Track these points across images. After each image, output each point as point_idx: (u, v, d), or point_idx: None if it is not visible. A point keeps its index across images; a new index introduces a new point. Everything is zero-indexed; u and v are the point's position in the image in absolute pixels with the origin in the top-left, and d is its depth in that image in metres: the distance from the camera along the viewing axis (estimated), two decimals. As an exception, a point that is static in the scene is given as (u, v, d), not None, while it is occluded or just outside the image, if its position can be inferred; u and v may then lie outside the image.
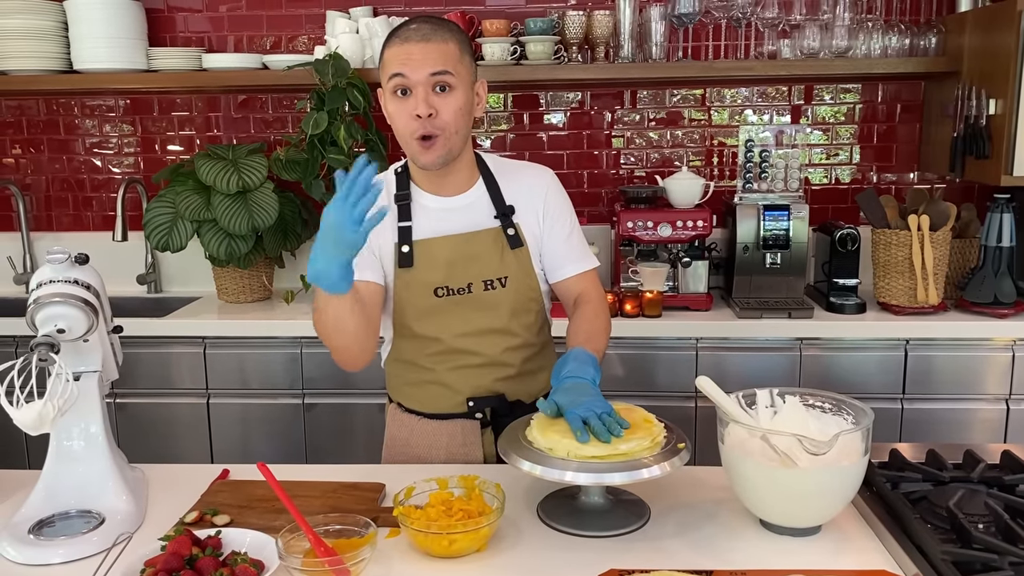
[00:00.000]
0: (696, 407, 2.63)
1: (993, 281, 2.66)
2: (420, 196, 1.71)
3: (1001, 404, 2.62)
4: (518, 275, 1.70)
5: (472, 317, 1.68)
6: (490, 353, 1.70)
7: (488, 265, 1.68)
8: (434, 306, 1.67)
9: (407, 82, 1.57)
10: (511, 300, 1.70)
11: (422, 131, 1.57)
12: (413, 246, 1.67)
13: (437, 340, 1.69)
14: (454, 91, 1.59)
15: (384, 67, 1.61)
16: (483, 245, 1.68)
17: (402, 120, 1.59)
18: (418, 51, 1.56)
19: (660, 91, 3.12)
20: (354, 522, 1.30)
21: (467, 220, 1.69)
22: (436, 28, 1.59)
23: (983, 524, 1.29)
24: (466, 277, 1.67)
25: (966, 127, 2.68)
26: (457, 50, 1.59)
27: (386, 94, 1.62)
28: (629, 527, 1.40)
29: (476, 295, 1.68)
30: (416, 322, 1.69)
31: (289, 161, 2.84)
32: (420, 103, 1.56)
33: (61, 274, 1.43)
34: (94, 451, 1.48)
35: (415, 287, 1.67)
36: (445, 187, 1.70)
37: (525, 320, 1.73)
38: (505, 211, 1.71)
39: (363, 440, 2.74)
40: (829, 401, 1.46)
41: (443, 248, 1.67)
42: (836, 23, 2.79)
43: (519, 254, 1.70)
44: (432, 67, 1.56)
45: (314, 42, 3.08)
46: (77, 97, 3.23)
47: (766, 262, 2.77)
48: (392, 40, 1.60)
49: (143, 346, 2.71)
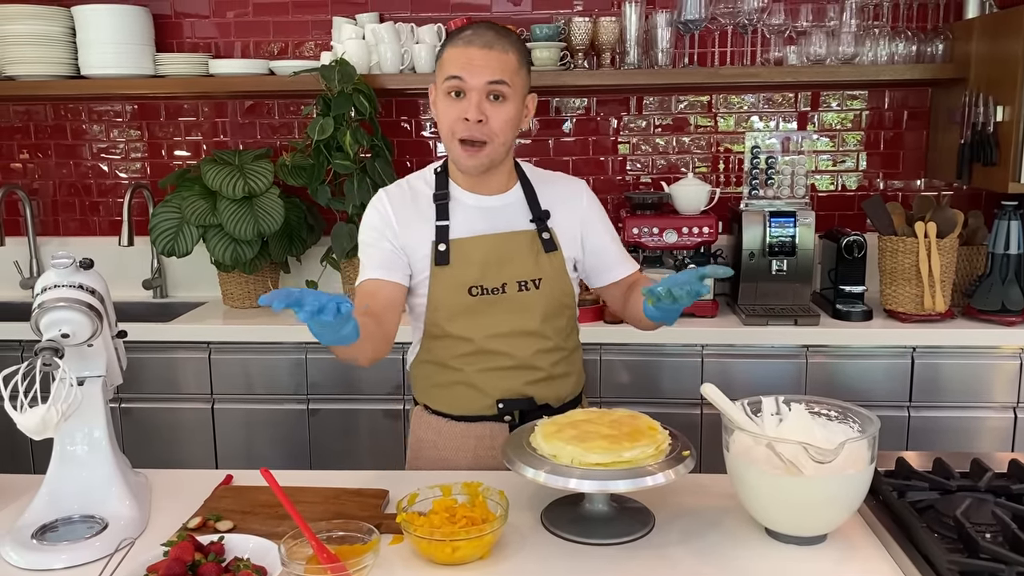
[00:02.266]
0: (702, 414, 2.62)
1: (1001, 289, 2.64)
2: (459, 193, 1.73)
3: (1009, 412, 2.60)
4: (552, 278, 1.72)
5: (505, 318, 1.69)
6: (521, 355, 1.70)
7: (523, 266, 1.70)
8: (468, 305, 1.68)
9: (463, 85, 1.59)
10: (544, 303, 1.71)
11: (468, 134, 1.60)
12: (450, 245, 1.68)
13: (469, 340, 1.69)
14: (507, 102, 1.61)
15: (442, 66, 1.63)
16: (518, 246, 1.70)
17: (450, 120, 1.62)
18: (479, 57, 1.59)
19: (666, 97, 3.12)
20: (357, 528, 1.30)
21: (503, 220, 1.72)
22: (499, 37, 1.62)
23: (990, 533, 1.28)
24: (501, 277, 1.68)
25: (973, 134, 2.67)
26: (516, 62, 1.63)
27: (438, 92, 1.65)
28: (633, 535, 1.39)
29: (510, 295, 1.69)
30: (449, 321, 1.69)
31: (295, 166, 2.84)
32: (472, 108, 1.59)
33: (66, 279, 1.43)
34: (97, 456, 1.48)
35: (450, 285, 1.68)
36: (484, 187, 1.73)
37: (556, 324, 1.74)
38: (540, 215, 1.73)
39: (367, 446, 2.74)
40: (835, 409, 1.45)
41: (479, 247, 1.68)
42: (843, 30, 2.79)
43: (553, 258, 1.72)
44: (490, 75, 1.58)
45: (320, 48, 3.10)
46: (84, 102, 3.24)
47: (772, 269, 2.77)
48: (454, 41, 1.62)
49: (148, 351, 2.72)
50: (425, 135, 3.19)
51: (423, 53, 2.85)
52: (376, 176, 2.74)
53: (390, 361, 2.69)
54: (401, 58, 2.88)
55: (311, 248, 3.10)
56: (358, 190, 2.71)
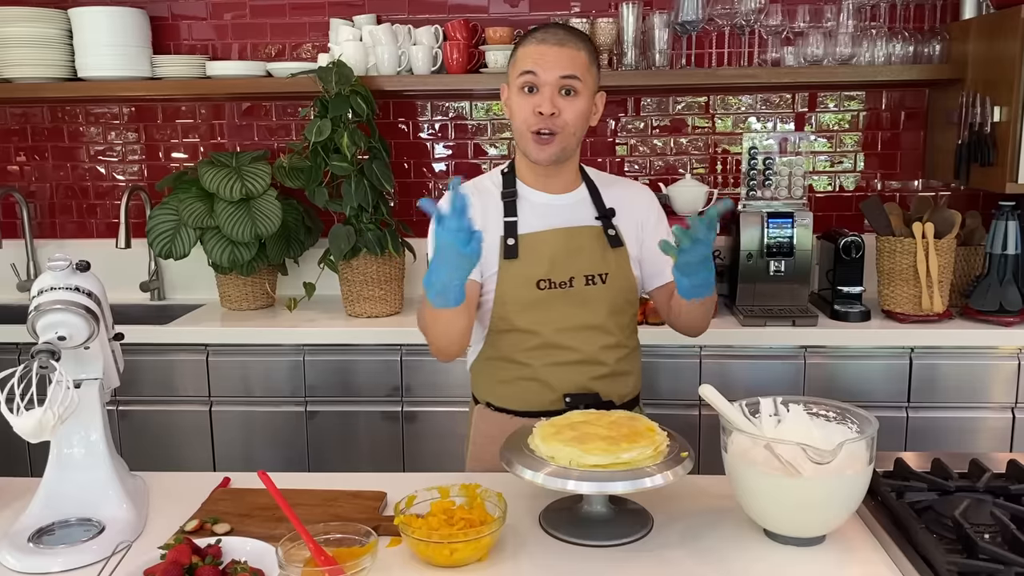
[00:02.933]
0: (700, 415, 2.61)
1: (998, 289, 2.64)
2: (526, 192, 1.77)
3: (1007, 412, 2.60)
4: (618, 273, 1.75)
5: (571, 312, 1.72)
6: (586, 350, 1.72)
7: (590, 260, 1.73)
8: (536, 299, 1.71)
9: (537, 80, 1.66)
10: (610, 297, 1.74)
11: (540, 126, 1.66)
12: (518, 239, 1.72)
13: (536, 334, 1.72)
14: (578, 96, 1.67)
15: (515, 64, 1.70)
16: (585, 240, 1.74)
17: (524, 114, 1.68)
18: (552, 53, 1.65)
19: (664, 98, 3.12)
20: (355, 531, 1.30)
21: (571, 216, 1.76)
22: (571, 35, 1.69)
23: (989, 534, 1.28)
24: (568, 271, 1.72)
25: (971, 134, 2.67)
26: (587, 59, 1.69)
27: (512, 89, 1.71)
28: (632, 537, 1.39)
29: (577, 289, 1.72)
30: (517, 315, 1.72)
31: (292, 168, 2.84)
32: (545, 101, 1.64)
33: (62, 281, 1.43)
34: (94, 459, 1.47)
35: (519, 279, 1.71)
36: (551, 186, 1.77)
37: (620, 320, 1.77)
38: (606, 213, 1.77)
39: (366, 448, 2.74)
40: (833, 410, 1.45)
41: (547, 241, 1.72)
42: (840, 30, 2.79)
43: (619, 253, 1.76)
44: (563, 70, 1.65)
45: (318, 50, 3.09)
46: (81, 105, 3.24)
47: (770, 270, 2.77)
48: (528, 40, 1.70)
49: (146, 353, 2.71)
50: (423, 136, 3.19)
51: (420, 55, 2.85)
52: (373, 178, 2.73)
53: (388, 363, 2.69)
54: (398, 60, 2.87)
55: (309, 250, 3.09)
56: (356, 192, 2.70)
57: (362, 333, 2.71)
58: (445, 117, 3.18)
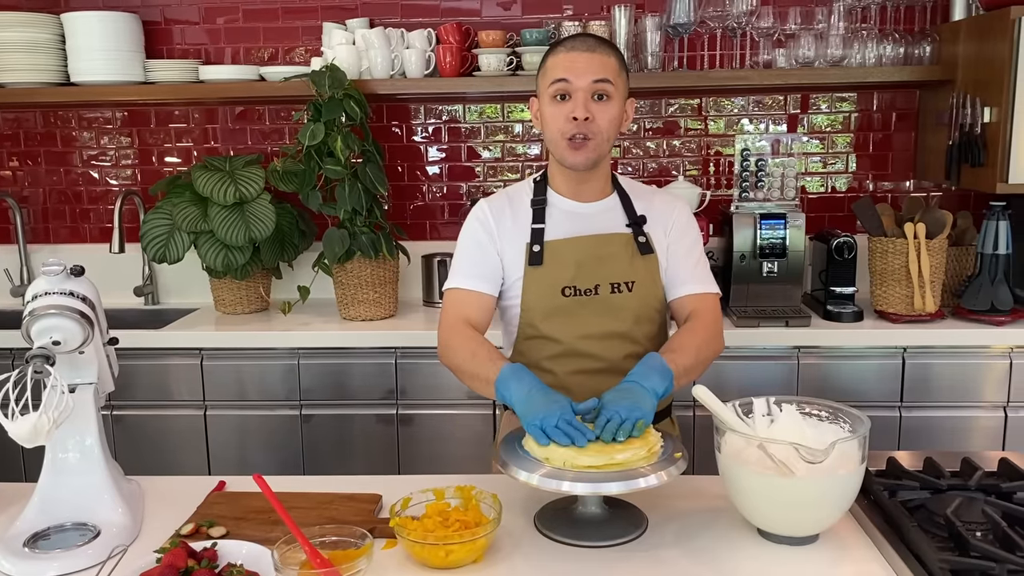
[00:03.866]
0: (695, 416, 2.62)
1: (990, 289, 2.66)
2: (556, 200, 1.78)
3: (999, 412, 2.61)
4: (646, 281, 1.74)
5: (596, 320, 1.71)
6: (611, 358, 1.72)
7: (617, 268, 1.72)
8: (560, 306, 1.71)
9: (569, 87, 1.66)
10: (636, 306, 1.73)
11: (575, 131, 1.66)
12: (544, 246, 1.72)
13: (559, 341, 1.72)
14: (611, 101, 1.67)
15: (546, 73, 1.70)
16: (613, 248, 1.73)
17: (558, 122, 1.68)
18: (583, 60, 1.66)
19: (656, 101, 3.13)
20: (350, 533, 1.30)
21: (600, 224, 1.76)
22: (600, 42, 1.70)
23: (981, 532, 1.29)
24: (594, 278, 1.71)
25: (961, 135, 2.68)
26: (617, 65, 1.69)
27: (543, 98, 1.71)
28: (626, 537, 1.40)
29: (603, 297, 1.71)
30: (541, 322, 1.72)
31: (286, 172, 2.84)
32: (579, 107, 1.65)
33: (56, 286, 1.43)
34: (89, 463, 1.47)
35: (543, 286, 1.71)
36: (582, 194, 1.77)
37: (647, 329, 1.75)
38: (637, 220, 1.76)
39: (361, 450, 2.74)
40: (826, 409, 1.46)
41: (573, 249, 1.72)
42: (831, 32, 2.80)
43: (648, 261, 1.75)
44: (595, 75, 1.65)
45: (311, 53, 3.10)
46: (74, 109, 3.24)
47: (763, 271, 2.78)
48: (557, 49, 1.70)
49: (140, 358, 2.71)
50: (416, 140, 3.20)
51: (413, 58, 2.86)
52: (367, 181, 2.74)
53: (382, 366, 2.69)
54: (391, 63, 2.88)
55: (303, 254, 3.09)
56: (349, 195, 2.71)
57: (357, 336, 2.71)
58: (439, 120, 3.18)
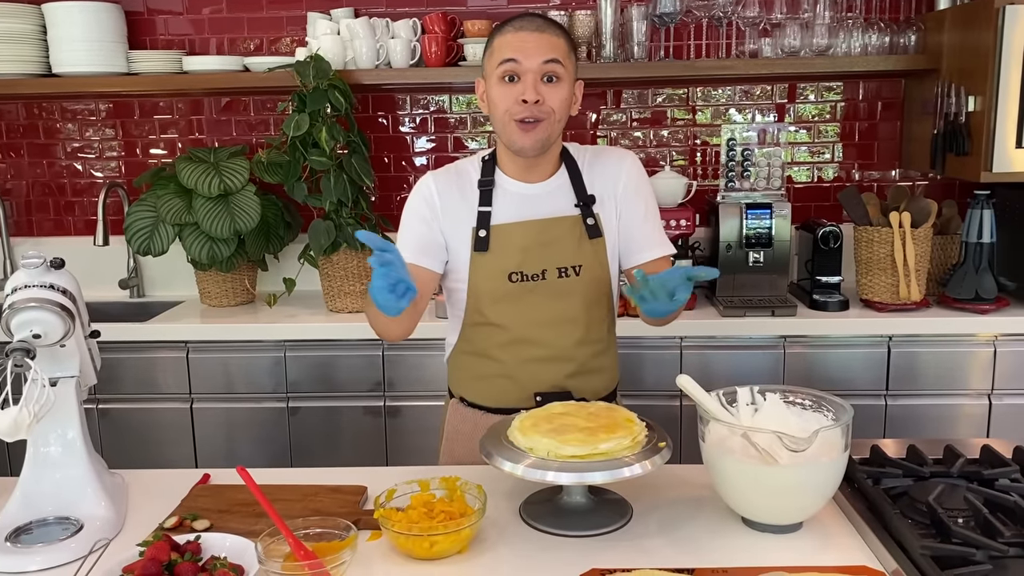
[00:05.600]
0: (681, 406, 2.63)
1: (974, 277, 2.67)
2: (504, 182, 1.74)
3: (983, 399, 2.63)
4: (593, 265, 1.72)
5: (545, 305, 1.70)
6: (560, 344, 1.71)
7: (563, 252, 1.70)
8: (507, 292, 1.69)
9: (518, 68, 1.62)
10: (584, 290, 1.71)
11: (526, 114, 1.61)
12: (490, 231, 1.69)
13: (507, 328, 1.70)
14: (561, 83, 1.64)
15: (493, 53, 1.66)
16: (560, 231, 1.70)
17: (506, 103, 1.63)
18: (532, 40, 1.62)
19: (644, 91, 3.13)
20: (335, 525, 1.30)
21: (548, 206, 1.72)
22: (549, 23, 1.66)
23: (962, 519, 1.30)
24: (540, 263, 1.69)
25: (946, 124, 2.69)
26: (566, 46, 1.66)
27: (491, 79, 1.66)
28: (611, 526, 1.40)
29: (550, 282, 1.69)
30: (489, 308, 1.71)
31: (271, 163, 2.82)
32: (529, 89, 1.61)
33: (36, 279, 1.42)
34: (72, 457, 1.46)
35: (489, 272, 1.69)
36: (530, 175, 1.73)
37: (597, 313, 1.74)
38: (586, 200, 1.73)
39: (348, 443, 2.73)
40: (809, 398, 1.46)
41: (519, 233, 1.69)
42: (816, 22, 2.80)
43: (596, 244, 1.72)
44: (545, 55, 1.61)
45: (296, 44, 3.07)
46: (57, 101, 3.21)
47: (749, 260, 2.78)
48: (505, 28, 1.66)
49: (126, 351, 2.69)
50: (403, 130, 3.18)
51: (399, 48, 2.84)
52: (353, 172, 2.72)
53: (369, 358, 2.68)
54: (376, 53, 2.86)
55: (289, 245, 3.08)
56: (335, 186, 2.69)
57: (343, 328, 2.70)
58: (425, 111, 3.17)
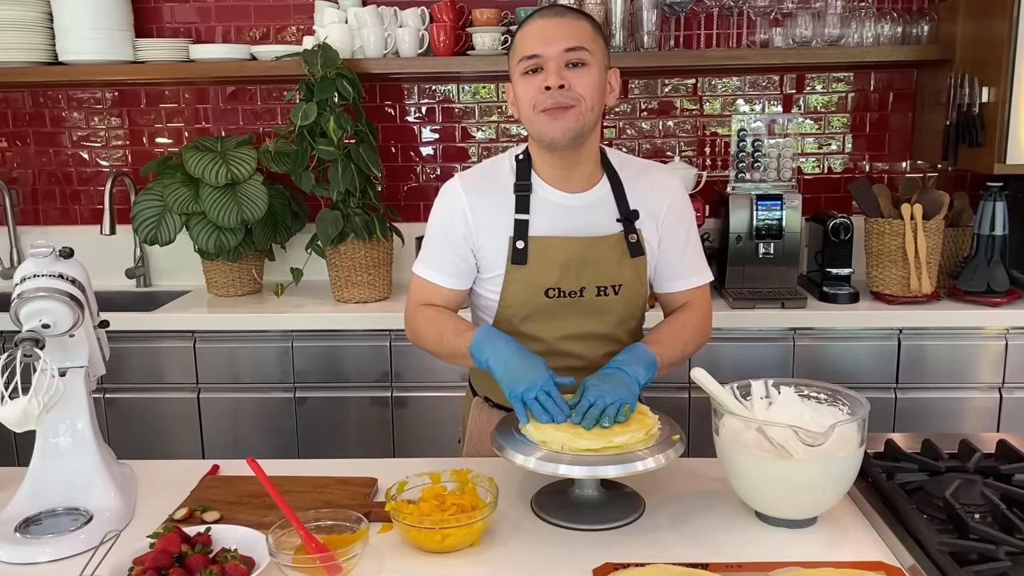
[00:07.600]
0: (690, 398, 2.62)
1: (986, 270, 2.65)
2: (541, 188, 1.62)
3: (994, 392, 2.61)
4: (633, 283, 1.65)
5: (579, 321, 1.63)
6: (591, 357, 1.65)
7: (605, 271, 1.62)
8: (542, 307, 1.62)
9: (540, 61, 1.52)
10: (621, 308, 1.65)
11: (551, 102, 1.50)
12: (528, 242, 1.59)
13: (540, 340, 1.64)
14: (588, 68, 1.52)
15: (515, 51, 1.56)
16: (603, 250, 1.61)
17: (529, 95, 1.53)
18: (552, 26, 1.52)
19: (652, 81, 3.10)
20: (346, 517, 1.29)
21: (589, 221, 1.62)
22: (569, 9, 1.57)
23: (980, 514, 1.29)
24: (580, 281, 1.61)
25: (959, 115, 2.67)
26: (591, 30, 1.55)
27: (515, 78, 1.57)
28: (623, 520, 1.39)
29: (588, 300, 1.62)
30: (522, 322, 1.64)
31: (278, 153, 2.81)
32: (552, 74, 1.50)
33: (45, 268, 1.41)
34: (81, 448, 1.46)
35: (526, 285, 1.61)
36: (569, 182, 1.62)
37: (629, 326, 1.69)
38: (629, 215, 1.63)
39: (356, 434, 2.73)
40: (824, 391, 1.45)
41: (561, 249, 1.60)
42: (828, 11, 2.78)
43: (638, 263, 1.64)
44: (567, 42, 1.51)
45: (303, 32, 3.06)
46: (63, 89, 3.19)
47: (759, 252, 2.76)
48: (525, 23, 1.57)
49: (132, 341, 2.69)
50: (410, 120, 3.17)
51: (406, 37, 2.82)
52: (360, 162, 2.71)
53: (377, 348, 2.67)
54: (384, 42, 2.84)
55: (296, 235, 3.07)
56: (342, 176, 2.68)
57: (351, 318, 2.69)
58: (432, 100, 3.15)
